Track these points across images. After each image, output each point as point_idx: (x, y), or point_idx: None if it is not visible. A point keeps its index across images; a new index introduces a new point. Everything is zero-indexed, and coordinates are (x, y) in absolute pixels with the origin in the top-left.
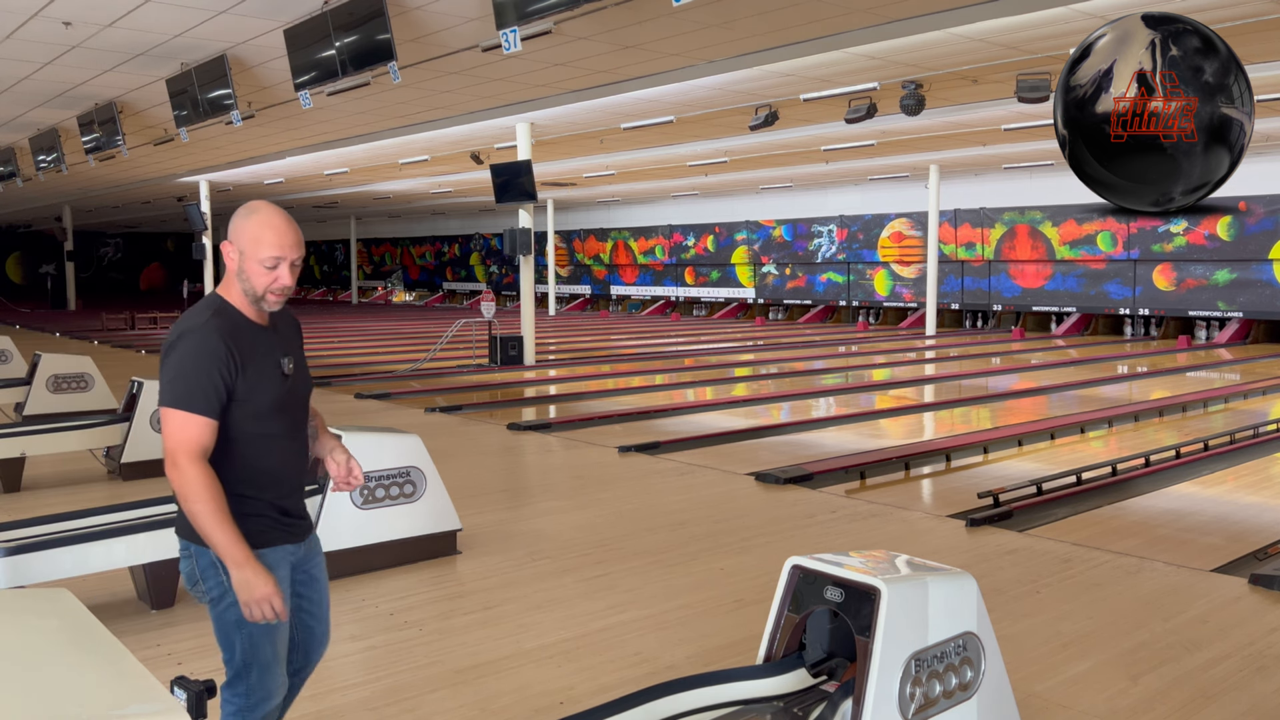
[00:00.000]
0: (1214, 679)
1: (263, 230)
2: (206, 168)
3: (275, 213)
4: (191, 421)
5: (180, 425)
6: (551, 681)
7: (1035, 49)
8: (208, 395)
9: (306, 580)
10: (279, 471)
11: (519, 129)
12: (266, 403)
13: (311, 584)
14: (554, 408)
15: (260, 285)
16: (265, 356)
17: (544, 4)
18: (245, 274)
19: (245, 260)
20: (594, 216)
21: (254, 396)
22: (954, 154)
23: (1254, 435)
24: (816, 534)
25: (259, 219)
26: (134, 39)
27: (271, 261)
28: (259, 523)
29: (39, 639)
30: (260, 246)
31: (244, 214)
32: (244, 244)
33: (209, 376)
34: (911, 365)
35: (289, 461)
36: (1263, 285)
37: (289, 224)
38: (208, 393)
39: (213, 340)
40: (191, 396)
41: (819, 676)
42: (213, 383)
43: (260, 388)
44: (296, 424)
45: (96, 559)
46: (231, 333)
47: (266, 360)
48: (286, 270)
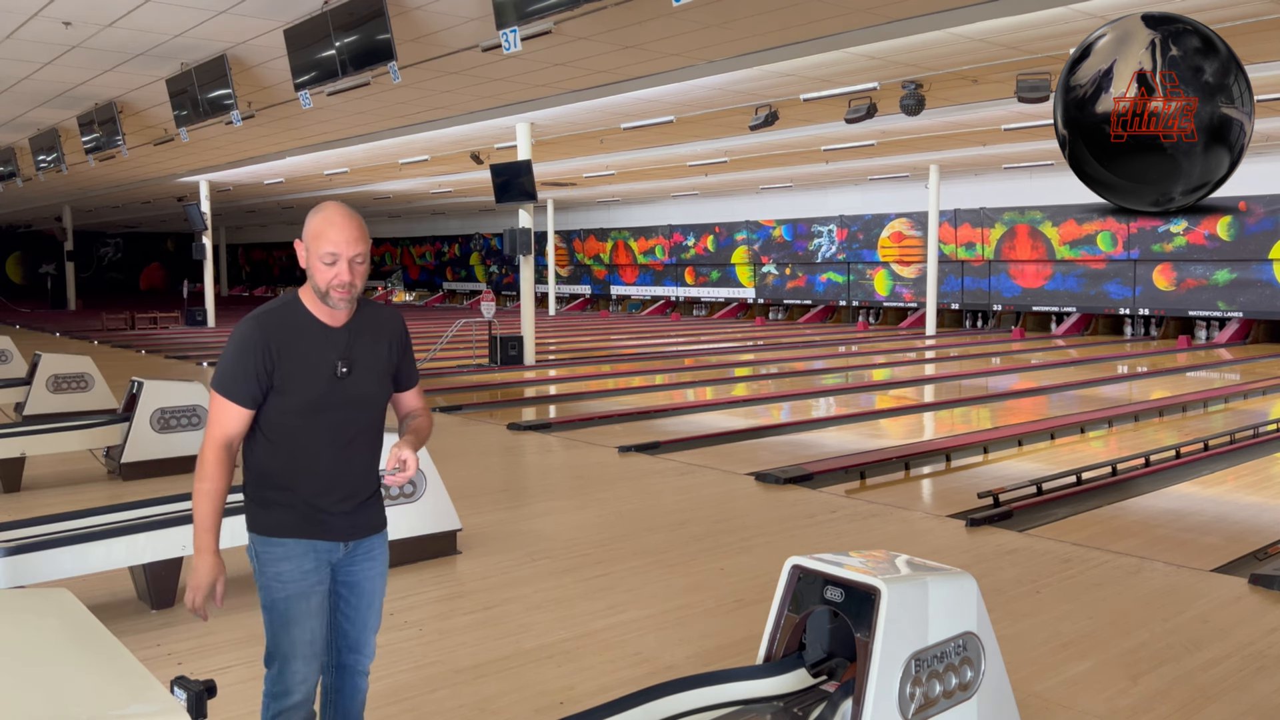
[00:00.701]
0: (1214, 679)
1: (324, 227)
2: (206, 168)
3: (337, 210)
4: (223, 407)
5: (215, 409)
6: (551, 681)
7: (1035, 49)
8: (236, 382)
9: (349, 584)
10: (315, 469)
11: (519, 129)
12: (304, 400)
13: (354, 589)
14: (554, 408)
15: (322, 281)
16: (317, 354)
17: (544, 4)
18: (310, 270)
19: (310, 257)
20: (594, 216)
21: (290, 389)
22: (954, 154)
23: (1254, 435)
24: (816, 534)
25: (322, 217)
26: (134, 39)
27: (329, 258)
28: (286, 514)
29: (39, 639)
30: (320, 242)
31: (312, 213)
32: (308, 240)
33: (243, 365)
34: (911, 365)
35: (330, 463)
36: (1263, 285)
37: (349, 221)
38: (237, 379)
39: (252, 330)
40: (223, 382)
41: (819, 676)
42: (245, 370)
43: (299, 383)
44: (342, 425)
45: (96, 559)
46: (280, 325)
47: (317, 358)
48: (345, 267)
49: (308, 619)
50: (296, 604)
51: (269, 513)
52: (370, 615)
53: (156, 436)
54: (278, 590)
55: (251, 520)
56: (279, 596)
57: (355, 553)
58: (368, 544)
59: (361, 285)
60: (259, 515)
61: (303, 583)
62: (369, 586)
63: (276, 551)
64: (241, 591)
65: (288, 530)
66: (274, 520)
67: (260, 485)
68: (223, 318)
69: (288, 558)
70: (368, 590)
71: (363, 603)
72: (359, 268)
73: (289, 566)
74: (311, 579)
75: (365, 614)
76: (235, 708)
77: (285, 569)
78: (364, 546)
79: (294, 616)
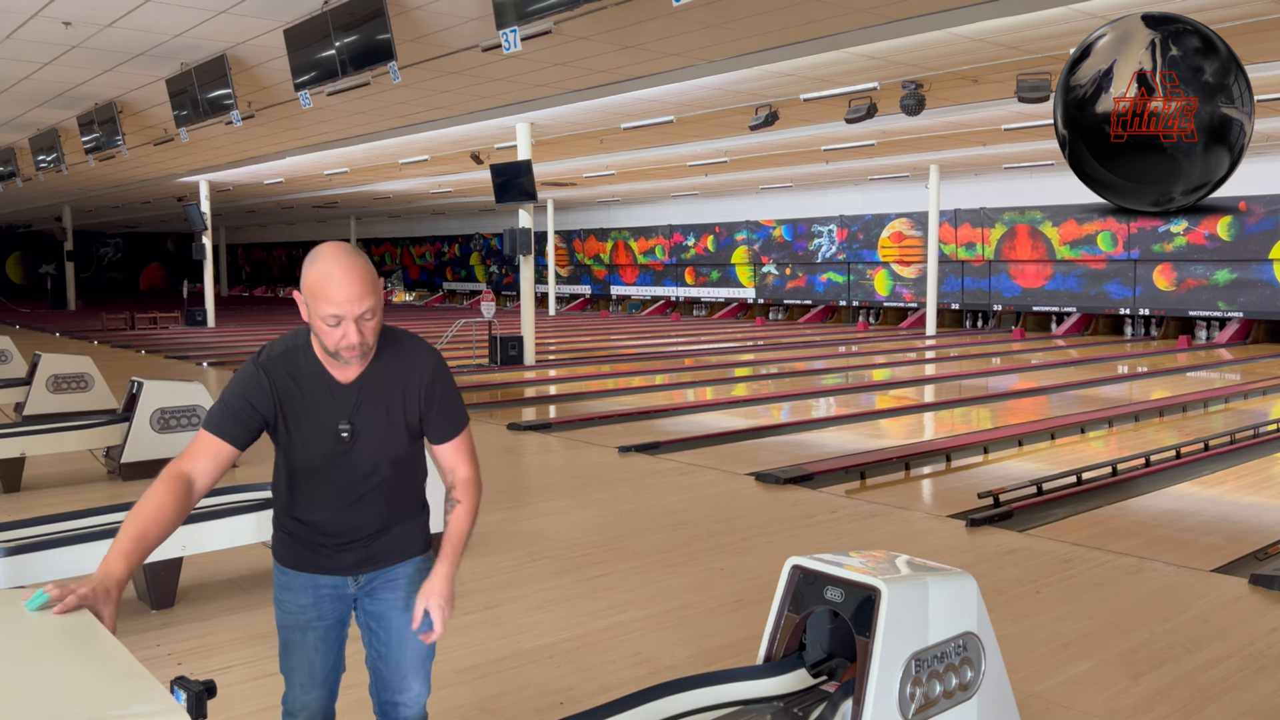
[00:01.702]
0: (1214, 679)
1: (322, 283)
2: (206, 168)
3: (336, 262)
4: (199, 438)
5: (194, 440)
6: (551, 681)
7: (1035, 49)
8: (224, 418)
9: (375, 615)
10: (324, 515)
11: (519, 129)
12: (305, 459)
13: (380, 621)
14: (554, 408)
15: (329, 342)
16: (320, 412)
17: (544, 4)
18: (315, 330)
19: (311, 315)
20: (594, 216)
21: (292, 445)
22: (954, 154)
23: (1254, 435)
24: (816, 534)
25: (318, 269)
26: (134, 39)
27: (333, 320)
28: (291, 544)
29: (39, 639)
30: (320, 303)
31: (309, 262)
32: (307, 296)
33: (236, 405)
34: (912, 365)
35: (337, 514)
36: (1263, 285)
37: (350, 274)
38: (225, 416)
39: (253, 374)
40: (211, 415)
41: (819, 676)
42: (235, 411)
43: (299, 441)
44: (348, 485)
45: (96, 559)
46: (284, 374)
47: (321, 416)
48: (352, 328)
49: (304, 650)
50: (292, 634)
51: (280, 540)
52: (404, 653)
53: (156, 436)
54: (279, 615)
55: (273, 541)
56: (280, 622)
57: (375, 582)
58: (390, 572)
59: (375, 338)
60: (276, 538)
61: (299, 616)
62: (397, 620)
63: (281, 580)
64: (241, 592)
65: (290, 561)
66: (283, 549)
67: (278, 509)
68: (223, 318)
69: (288, 588)
70: (396, 624)
71: (393, 639)
72: (369, 324)
73: (287, 597)
74: (309, 614)
75: (397, 652)
76: (235, 708)
77: (285, 598)
78: (385, 575)
79: (290, 644)
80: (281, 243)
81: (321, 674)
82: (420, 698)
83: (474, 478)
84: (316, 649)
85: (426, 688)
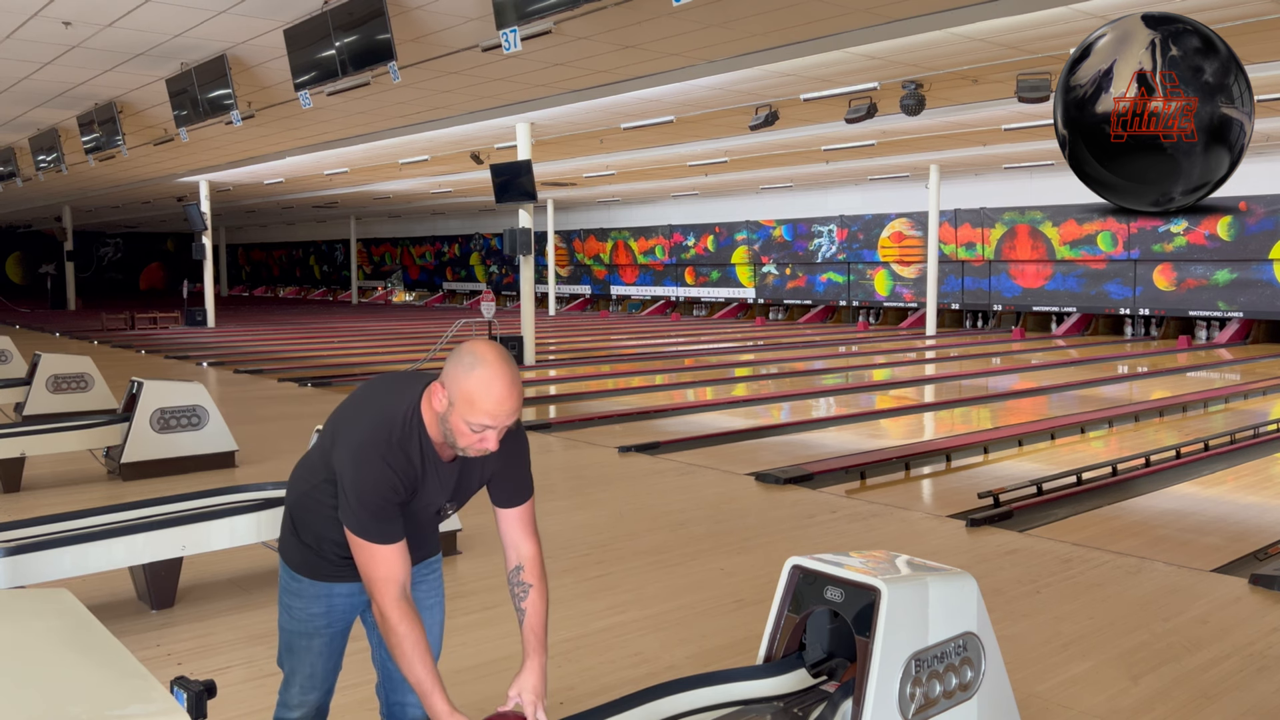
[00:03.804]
0: (1214, 679)
1: (481, 392)
2: (206, 168)
3: (499, 374)
4: (384, 554)
5: (376, 558)
6: (552, 681)
7: (1035, 49)
8: (390, 524)
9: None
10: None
11: (519, 129)
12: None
13: None
14: (554, 408)
15: (462, 443)
16: (429, 495)
17: (544, 4)
18: (449, 425)
19: (452, 412)
20: (594, 216)
21: None
22: (954, 154)
23: (1254, 435)
24: (816, 534)
25: (478, 378)
26: (134, 39)
27: (479, 428)
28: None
29: (39, 639)
30: (473, 410)
31: (467, 365)
32: (455, 396)
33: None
34: (912, 365)
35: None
36: (1263, 285)
37: (512, 389)
38: (391, 523)
39: (387, 475)
40: (375, 529)
41: (819, 677)
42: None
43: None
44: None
45: (96, 559)
46: (406, 464)
47: (428, 499)
48: (494, 437)
49: (308, 655)
50: (297, 639)
51: (294, 547)
52: None
53: (156, 436)
54: (285, 620)
55: (283, 545)
56: (286, 625)
57: None
58: None
59: None
60: (290, 546)
61: (308, 624)
62: None
63: (293, 586)
64: (241, 592)
65: (307, 571)
66: (299, 558)
67: (314, 534)
68: (223, 318)
69: (299, 594)
70: None
71: None
72: (504, 432)
73: (297, 604)
74: (319, 622)
75: None
76: (235, 708)
77: (294, 604)
78: None
79: (295, 647)
80: (281, 243)
81: (322, 676)
82: None
83: (539, 555)
84: (321, 654)
85: None
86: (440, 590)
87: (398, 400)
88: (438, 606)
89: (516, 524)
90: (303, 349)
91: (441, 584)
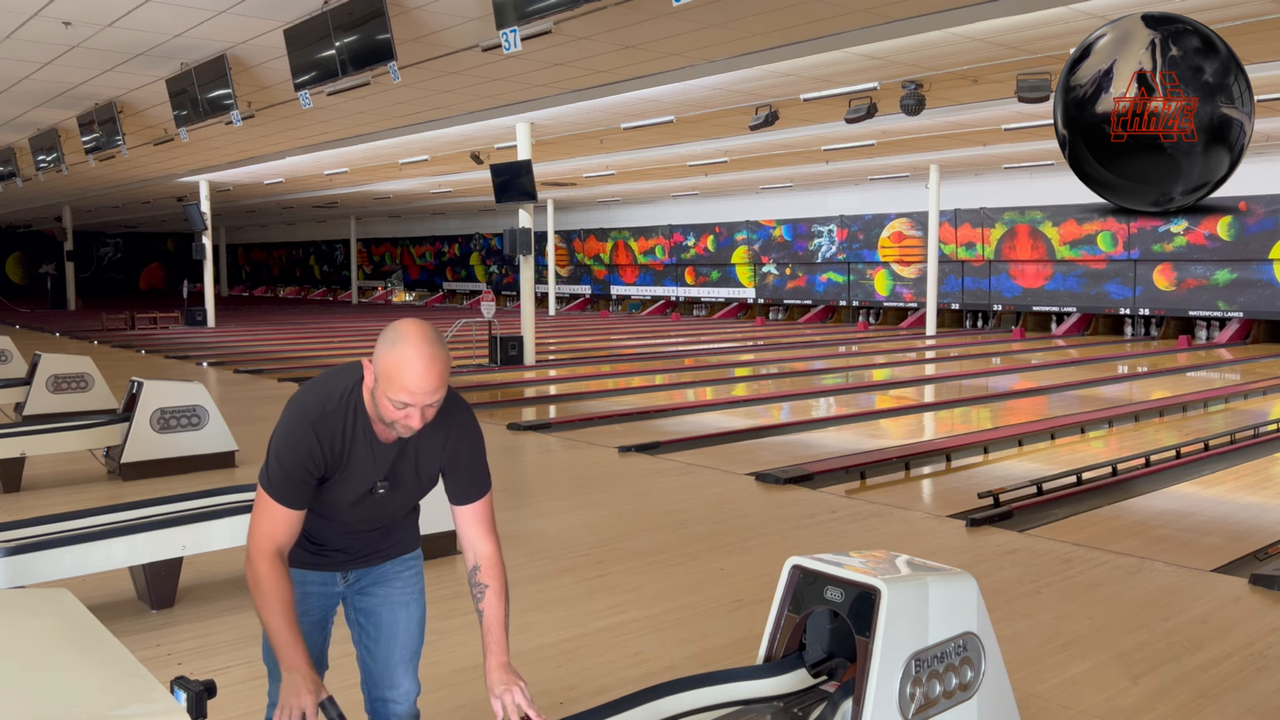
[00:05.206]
0: (1214, 679)
1: (398, 368)
2: (206, 168)
3: (417, 352)
4: (274, 511)
5: (266, 511)
6: (551, 681)
7: (1035, 49)
8: (291, 486)
9: (365, 612)
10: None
11: (519, 129)
12: (332, 503)
13: (370, 618)
14: (554, 408)
15: (388, 417)
16: (360, 469)
17: (544, 4)
18: (377, 400)
19: (378, 390)
20: (594, 216)
21: (326, 494)
22: (954, 154)
23: (1254, 435)
24: (816, 534)
25: (396, 355)
26: (134, 39)
27: (400, 404)
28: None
29: (39, 639)
30: (392, 387)
31: (389, 341)
32: (379, 374)
33: (299, 472)
34: (911, 365)
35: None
36: (1263, 285)
37: (430, 368)
38: (293, 486)
39: (308, 439)
40: (275, 485)
41: (819, 676)
42: (299, 477)
43: (334, 491)
44: (364, 522)
45: (96, 559)
46: (334, 434)
47: (360, 473)
48: (417, 414)
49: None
50: None
51: None
52: (393, 648)
53: (156, 436)
54: None
55: None
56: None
57: (363, 580)
58: (380, 569)
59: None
60: None
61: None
62: (388, 615)
63: None
64: (241, 592)
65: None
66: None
67: None
68: (223, 318)
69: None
70: (386, 620)
71: (383, 634)
72: (431, 410)
73: None
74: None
75: (387, 647)
76: (235, 708)
77: None
78: (375, 572)
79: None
80: (281, 243)
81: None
82: (410, 694)
83: (497, 555)
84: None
85: (416, 684)
86: (417, 588)
87: (345, 378)
88: (414, 603)
89: (473, 521)
90: (303, 349)
91: (420, 582)
